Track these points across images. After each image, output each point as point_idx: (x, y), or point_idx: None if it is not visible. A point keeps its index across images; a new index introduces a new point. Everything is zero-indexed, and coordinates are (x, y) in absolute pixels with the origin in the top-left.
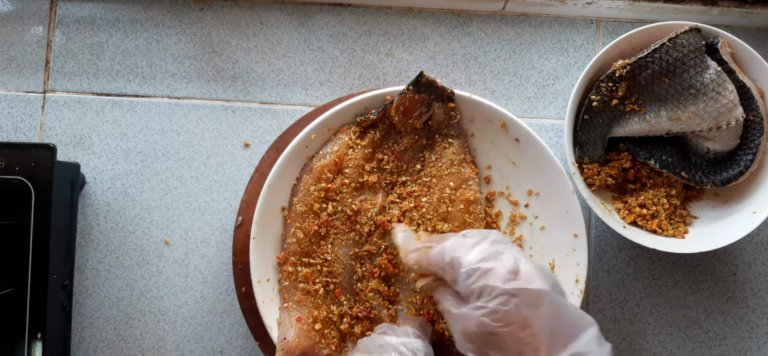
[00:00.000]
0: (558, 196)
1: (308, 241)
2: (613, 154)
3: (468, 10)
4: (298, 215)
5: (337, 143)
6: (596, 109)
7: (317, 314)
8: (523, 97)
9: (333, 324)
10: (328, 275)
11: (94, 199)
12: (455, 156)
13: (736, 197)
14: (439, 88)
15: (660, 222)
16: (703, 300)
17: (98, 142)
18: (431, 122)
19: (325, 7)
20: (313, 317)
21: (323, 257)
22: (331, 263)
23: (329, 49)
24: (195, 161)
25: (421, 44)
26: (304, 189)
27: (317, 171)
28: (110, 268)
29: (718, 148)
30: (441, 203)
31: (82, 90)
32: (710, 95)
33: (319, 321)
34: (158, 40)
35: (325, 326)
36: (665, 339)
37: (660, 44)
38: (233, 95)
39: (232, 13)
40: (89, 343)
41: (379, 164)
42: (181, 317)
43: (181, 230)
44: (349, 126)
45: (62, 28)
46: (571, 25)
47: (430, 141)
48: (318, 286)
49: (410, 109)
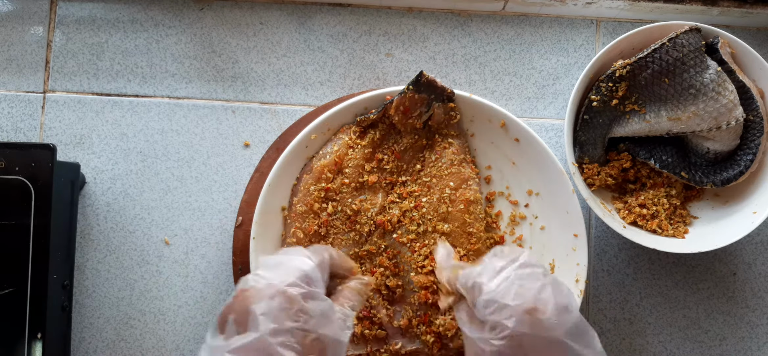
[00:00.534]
0: (558, 196)
1: (308, 241)
2: (613, 154)
3: (468, 10)
4: (298, 215)
5: (337, 143)
6: (596, 109)
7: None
8: (523, 97)
9: None
10: None
11: (94, 199)
12: (455, 156)
13: (736, 197)
14: (439, 87)
15: (660, 222)
16: (703, 300)
17: (98, 142)
18: (431, 122)
19: (325, 7)
20: None
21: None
22: None
23: (329, 49)
24: (195, 161)
25: (421, 44)
26: (304, 189)
27: (317, 171)
28: (110, 268)
29: (718, 148)
30: (441, 203)
31: (82, 90)
32: (710, 95)
33: None
34: (158, 40)
35: None
36: (665, 339)
37: (660, 44)
38: (233, 95)
39: (232, 13)
40: (89, 343)
41: (379, 164)
42: (181, 317)
43: (181, 230)
44: (349, 126)
45: (62, 28)
46: (571, 25)
47: (430, 141)
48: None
49: (410, 109)
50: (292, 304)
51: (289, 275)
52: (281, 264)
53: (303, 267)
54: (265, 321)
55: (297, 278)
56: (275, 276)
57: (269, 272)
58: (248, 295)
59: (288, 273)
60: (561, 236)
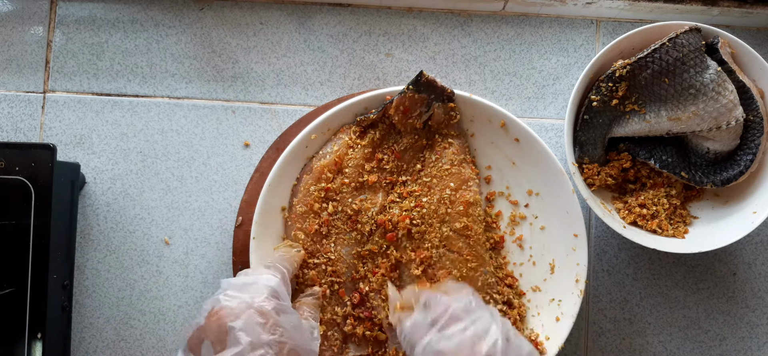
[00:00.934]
0: (558, 196)
1: (310, 240)
2: (613, 154)
3: (468, 10)
4: (299, 215)
5: (337, 143)
6: (596, 109)
7: (321, 316)
8: (523, 97)
9: (337, 326)
10: (333, 274)
11: (94, 199)
12: (455, 156)
13: (736, 197)
14: (438, 87)
15: (660, 222)
16: (703, 300)
17: (98, 142)
18: (431, 122)
19: (325, 7)
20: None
21: (327, 256)
22: (334, 262)
23: (329, 49)
24: (195, 161)
25: (421, 44)
26: (304, 189)
27: (317, 171)
28: (110, 268)
29: (718, 148)
30: (441, 204)
31: (82, 90)
32: (710, 95)
33: (324, 324)
34: (158, 40)
35: (328, 328)
36: (665, 339)
37: (660, 44)
38: (233, 95)
39: (232, 13)
40: (89, 343)
41: (379, 164)
42: (181, 317)
43: (181, 230)
44: (349, 126)
45: (62, 28)
46: (571, 25)
47: (430, 141)
48: (324, 287)
49: (410, 108)
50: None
51: (259, 292)
52: (248, 284)
53: (270, 283)
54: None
55: (267, 294)
56: (246, 295)
57: (239, 291)
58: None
59: (258, 290)
60: (561, 236)
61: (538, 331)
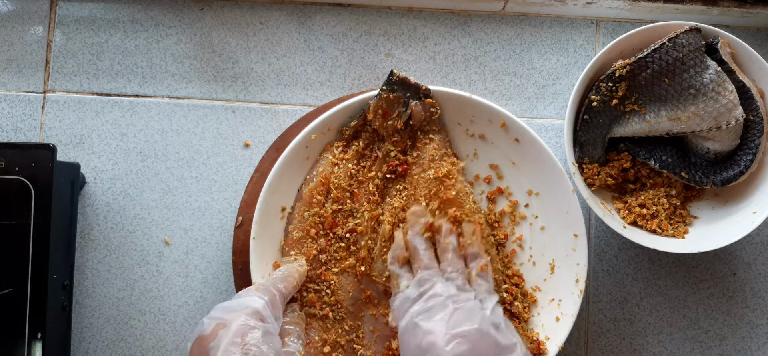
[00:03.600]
0: (558, 196)
1: (310, 266)
2: (613, 154)
3: (468, 10)
4: (296, 241)
5: (321, 164)
6: (596, 109)
7: (326, 337)
8: (523, 97)
9: (341, 348)
10: (335, 304)
11: (94, 199)
12: (436, 151)
13: (736, 197)
14: (412, 85)
15: (660, 222)
16: (703, 300)
17: (98, 142)
18: (412, 121)
19: (325, 7)
20: (323, 340)
21: (328, 282)
22: (335, 290)
23: (329, 49)
24: (195, 161)
25: (421, 44)
26: (299, 216)
27: (307, 197)
28: (110, 268)
29: (718, 148)
30: (427, 199)
31: (82, 90)
32: (710, 95)
33: (329, 345)
34: (158, 40)
35: (333, 349)
36: (665, 339)
37: (660, 44)
38: (233, 95)
39: (232, 13)
40: (89, 343)
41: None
42: (181, 317)
43: (181, 230)
44: (331, 143)
45: (62, 28)
46: (571, 25)
47: (413, 141)
48: (326, 310)
49: (388, 110)
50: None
51: (240, 314)
52: (233, 306)
53: (253, 304)
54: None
55: (248, 315)
56: (228, 316)
57: (222, 313)
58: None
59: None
60: (561, 236)
61: (538, 331)
